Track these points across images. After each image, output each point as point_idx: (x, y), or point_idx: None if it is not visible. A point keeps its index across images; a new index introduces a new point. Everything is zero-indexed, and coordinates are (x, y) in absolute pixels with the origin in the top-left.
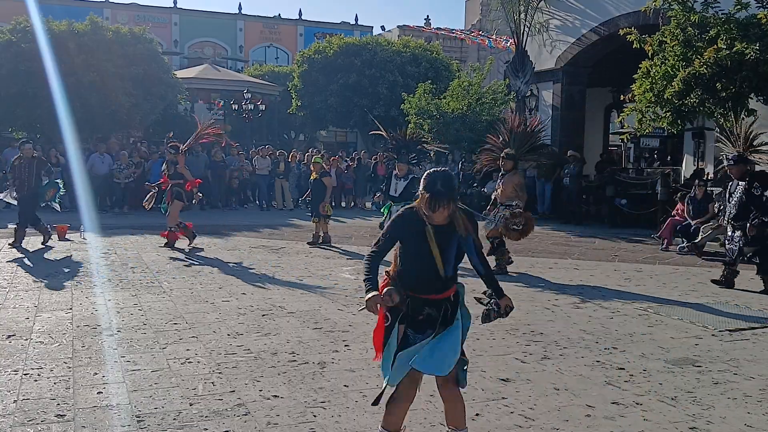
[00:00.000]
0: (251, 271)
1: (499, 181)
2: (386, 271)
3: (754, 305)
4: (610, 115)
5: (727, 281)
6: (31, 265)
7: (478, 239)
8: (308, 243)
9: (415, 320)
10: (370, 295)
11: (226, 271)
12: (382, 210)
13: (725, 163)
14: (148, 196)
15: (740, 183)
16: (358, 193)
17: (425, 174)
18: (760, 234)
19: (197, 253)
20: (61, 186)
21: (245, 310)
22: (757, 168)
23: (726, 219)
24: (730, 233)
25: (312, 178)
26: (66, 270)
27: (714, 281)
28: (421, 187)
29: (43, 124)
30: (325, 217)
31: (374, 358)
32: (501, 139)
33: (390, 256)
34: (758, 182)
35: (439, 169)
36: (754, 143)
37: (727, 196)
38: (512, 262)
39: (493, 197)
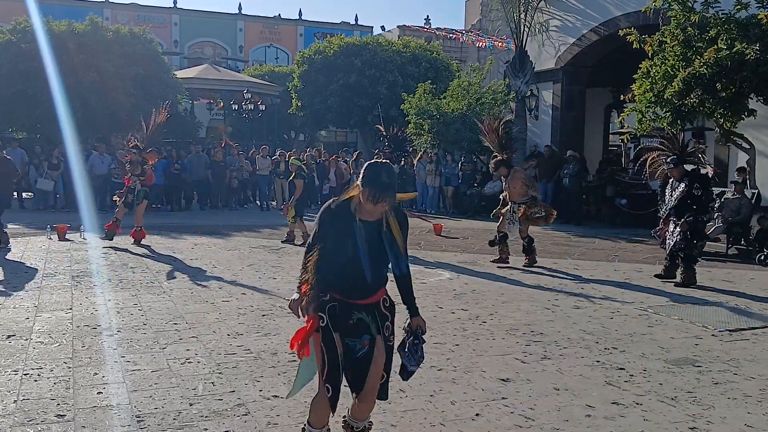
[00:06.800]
0: (251, 271)
1: (503, 184)
2: (303, 274)
3: (754, 305)
4: (610, 115)
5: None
6: (31, 265)
7: (405, 243)
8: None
9: (346, 326)
10: (294, 296)
11: (226, 271)
12: None
13: (665, 165)
14: (119, 192)
15: (681, 182)
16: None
17: (366, 165)
18: (693, 229)
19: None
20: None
21: (245, 310)
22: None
23: (664, 211)
24: (671, 228)
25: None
26: (66, 270)
27: (657, 275)
28: (361, 178)
29: (43, 124)
30: (294, 218)
31: (299, 355)
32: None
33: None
34: (698, 183)
35: (381, 160)
36: (689, 149)
37: (669, 192)
38: (536, 262)
39: (502, 198)
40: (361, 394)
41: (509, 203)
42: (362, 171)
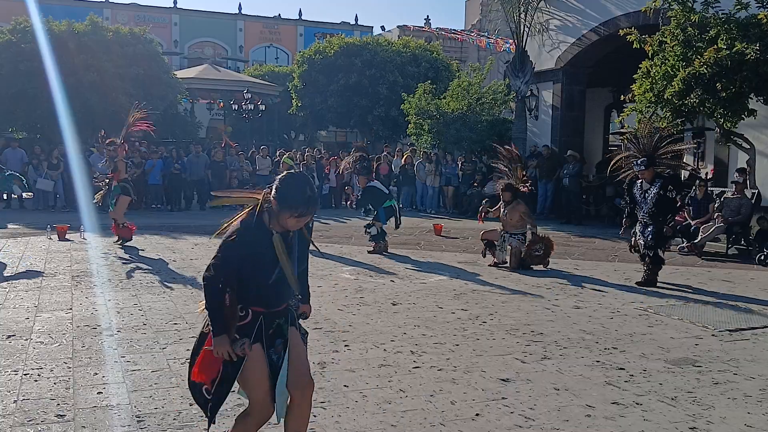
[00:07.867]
0: None
1: (503, 210)
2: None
3: (754, 305)
4: (610, 115)
5: (648, 281)
6: (32, 265)
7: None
8: None
9: (267, 336)
10: (220, 339)
11: None
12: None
13: (635, 167)
14: (97, 193)
15: (653, 185)
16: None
17: (281, 178)
18: (663, 231)
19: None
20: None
21: None
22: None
23: (642, 215)
24: (641, 229)
25: None
26: (66, 270)
27: (639, 283)
28: (279, 194)
29: (43, 124)
30: None
31: (205, 385)
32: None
33: None
34: (671, 185)
35: (293, 172)
36: (659, 150)
37: (639, 193)
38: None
39: (501, 224)
40: (299, 382)
41: (502, 232)
42: (276, 185)
